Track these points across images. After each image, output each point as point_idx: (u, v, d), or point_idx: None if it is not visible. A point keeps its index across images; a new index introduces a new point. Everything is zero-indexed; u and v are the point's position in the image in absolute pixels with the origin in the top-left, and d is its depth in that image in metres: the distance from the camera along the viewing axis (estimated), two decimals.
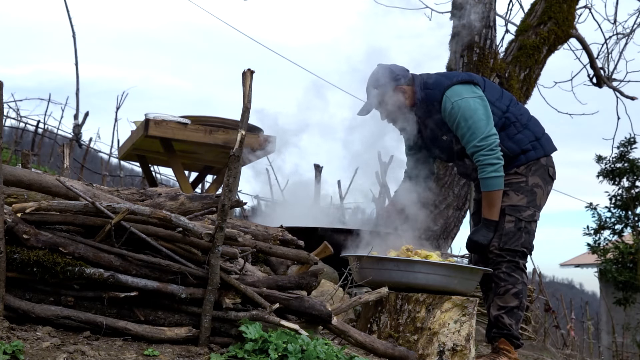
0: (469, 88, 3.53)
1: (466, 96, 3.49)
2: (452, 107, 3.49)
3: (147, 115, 4.37)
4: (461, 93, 3.50)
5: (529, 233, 3.52)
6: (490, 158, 3.43)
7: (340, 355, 2.27)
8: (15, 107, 12.84)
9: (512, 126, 3.58)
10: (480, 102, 3.49)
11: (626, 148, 11.93)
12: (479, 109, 3.47)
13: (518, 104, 3.73)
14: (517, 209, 3.51)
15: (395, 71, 3.64)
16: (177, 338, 2.28)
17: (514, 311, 3.45)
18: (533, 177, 3.57)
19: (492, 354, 3.44)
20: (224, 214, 2.25)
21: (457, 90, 3.52)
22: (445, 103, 3.51)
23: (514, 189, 3.53)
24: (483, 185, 3.48)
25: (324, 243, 2.84)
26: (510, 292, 3.44)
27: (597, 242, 12.20)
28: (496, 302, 3.47)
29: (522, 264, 3.51)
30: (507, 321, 3.44)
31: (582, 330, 11.63)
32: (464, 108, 3.47)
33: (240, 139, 2.25)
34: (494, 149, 3.43)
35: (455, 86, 3.53)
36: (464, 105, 3.47)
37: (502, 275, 3.45)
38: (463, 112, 3.46)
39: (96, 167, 11.73)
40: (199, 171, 5.80)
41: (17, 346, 1.95)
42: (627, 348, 10.97)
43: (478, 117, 3.45)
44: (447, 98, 3.51)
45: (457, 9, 6.08)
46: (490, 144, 3.43)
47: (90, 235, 2.30)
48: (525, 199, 3.53)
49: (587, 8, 7.37)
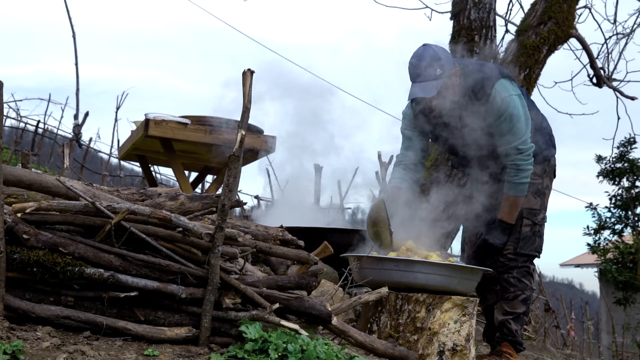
0: (513, 85, 3.38)
1: (514, 93, 3.35)
2: (501, 102, 3.30)
3: (147, 115, 4.37)
4: (509, 89, 3.34)
5: (541, 237, 3.49)
6: (527, 163, 3.33)
7: (340, 355, 2.27)
8: (15, 107, 12.86)
9: (532, 127, 3.44)
10: (522, 103, 3.37)
11: (626, 148, 11.93)
12: (523, 110, 3.35)
13: (533, 102, 3.66)
14: (534, 213, 3.45)
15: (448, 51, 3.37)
16: (177, 338, 2.28)
17: (520, 317, 3.42)
18: (546, 178, 3.51)
19: (494, 356, 3.43)
20: (224, 214, 2.25)
21: (506, 85, 3.34)
22: (494, 96, 3.30)
23: (532, 191, 3.45)
24: (512, 189, 3.35)
25: (324, 243, 2.83)
26: (519, 298, 3.41)
27: (597, 242, 12.20)
28: (503, 307, 3.43)
29: (532, 269, 3.48)
30: (513, 327, 3.41)
31: (582, 330, 11.61)
32: (512, 106, 3.31)
33: (240, 139, 2.25)
34: (530, 155, 3.33)
35: (502, 80, 3.35)
36: (512, 103, 3.31)
37: (512, 281, 3.41)
38: (511, 110, 3.30)
39: (96, 167, 11.73)
40: (199, 171, 5.80)
41: (17, 346, 1.95)
42: (627, 348, 10.96)
43: (522, 119, 3.33)
44: (497, 92, 3.30)
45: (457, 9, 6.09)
46: (529, 149, 3.33)
47: (90, 235, 2.30)
48: (539, 201, 3.48)
49: (587, 8, 7.37)
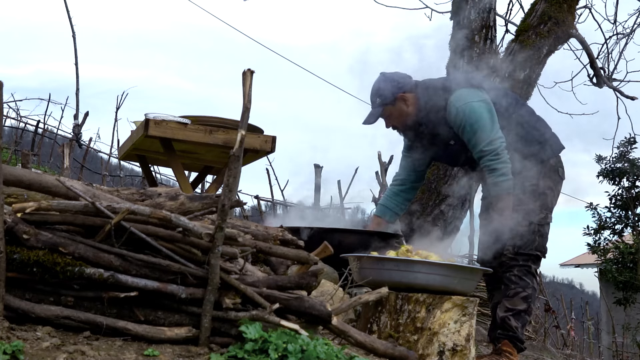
0: (473, 92, 3.49)
1: (470, 100, 3.45)
2: (456, 112, 3.45)
3: (147, 115, 4.36)
4: (465, 97, 3.46)
5: (542, 236, 3.50)
6: (495, 163, 3.39)
7: (340, 355, 2.27)
8: (15, 107, 12.86)
9: (520, 127, 3.55)
10: (485, 106, 3.45)
11: (626, 148, 11.92)
12: (483, 112, 3.43)
13: (525, 104, 3.70)
14: (530, 213, 3.47)
15: (397, 79, 3.61)
16: (177, 338, 2.28)
17: (521, 314, 3.44)
18: (545, 179, 3.54)
19: (494, 355, 3.43)
20: (224, 214, 2.25)
21: (462, 94, 3.47)
22: (449, 108, 3.47)
23: (527, 193, 3.49)
24: (492, 190, 3.44)
25: (324, 243, 2.83)
26: (520, 295, 3.43)
27: (597, 242, 12.20)
28: (504, 304, 3.46)
29: (534, 268, 3.49)
30: (513, 323, 3.43)
31: (582, 330, 11.62)
32: (469, 113, 3.42)
33: (240, 139, 2.25)
34: (499, 153, 3.39)
35: (459, 91, 3.49)
36: (469, 109, 3.43)
37: (513, 278, 3.44)
38: (468, 117, 3.42)
39: (96, 167, 11.74)
40: (199, 171, 5.80)
41: (17, 346, 1.95)
42: (627, 348, 10.96)
43: (483, 122, 3.41)
44: (452, 103, 3.47)
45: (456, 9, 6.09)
46: (496, 148, 3.39)
47: (90, 235, 2.30)
48: (538, 202, 3.50)
49: (587, 8, 7.37)
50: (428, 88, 3.60)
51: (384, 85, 3.61)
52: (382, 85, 3.62)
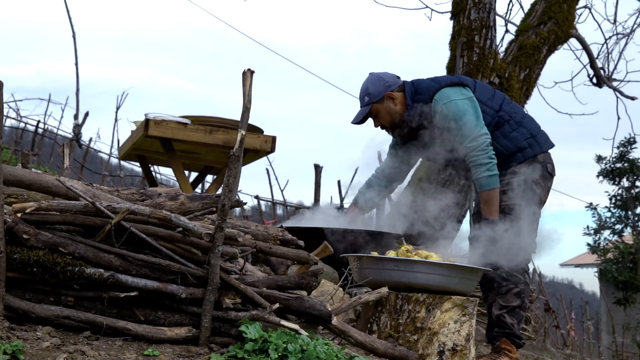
0: (457, 90, 3.58)
1: (455, 98, 3.54)
2: (441, 110, 3.53)
3: (147, 115, 4.36)
4: (450, 95, 3.55)
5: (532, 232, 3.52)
6: (481, 158, 3.45)
7: (340, 355, 2.27)
8: (15, 107, 12.87)
9: (507, 124, 3.61)
10: (469, 103, 3.53)
11: (626, 148, 11.94)
12: (468, 110, 3.51)
13: (511, 102, 3.76)
14: (512, 209, 3.51)
15: (385, 78, 3.71)
16: (177, 338, 2.28)
17: (515, 311, 3.45)
18: (532, 175, 3.58)
19: (493, 354, 3.44)
20: (224, 214, 2.25)
21: (446, 93, 3.56)
22: (434, 106, 3.56)
23: (512, 189, 3.53)
24: (478, 186, 3.51)
25: (324, 243, 2.83)
26: (512, 291, 3.45)
27: (597, 242, 12.22)
28: (498, 302, 3.48)
29: (525, 263, 3.51)
30: (508, 320, 3.44)
31: (582, 330, 11.62)
32: (454, 110, 3.51)
33: (240, 139, 2.25)
34: (484, 149, 3.45)
35: (444, 89, 3.58)
36: (453, 107, 3.51)
37: (504, 275, 3.46)
38: (452, 114, 3.50)
39: (96, 167, 11.74)
40: (199, 171, 5.80)
41: (17, 346, 1.95)
42: (627, 348, 10.97)
43: (467, 118, 3.48)
44: (436, 101, 3.56)
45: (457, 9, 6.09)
46: (481, 144, 3.45)
47: (90, 235, 2.30)
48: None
49: (587, 8, 7.38)
50: (415, 87, 3.69)
51: (373, 84, 3.70)
52: (370, 84, 3.71)
